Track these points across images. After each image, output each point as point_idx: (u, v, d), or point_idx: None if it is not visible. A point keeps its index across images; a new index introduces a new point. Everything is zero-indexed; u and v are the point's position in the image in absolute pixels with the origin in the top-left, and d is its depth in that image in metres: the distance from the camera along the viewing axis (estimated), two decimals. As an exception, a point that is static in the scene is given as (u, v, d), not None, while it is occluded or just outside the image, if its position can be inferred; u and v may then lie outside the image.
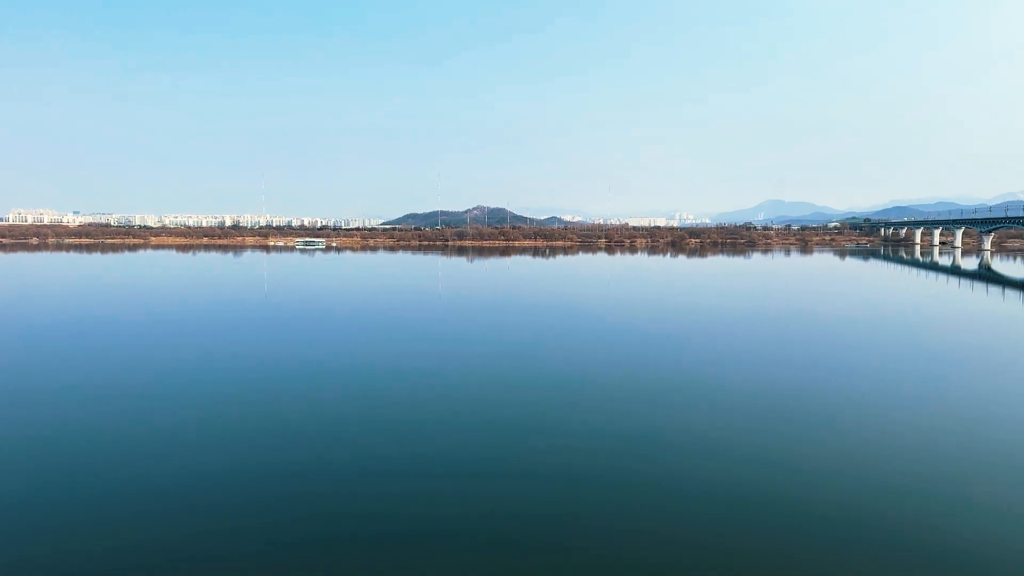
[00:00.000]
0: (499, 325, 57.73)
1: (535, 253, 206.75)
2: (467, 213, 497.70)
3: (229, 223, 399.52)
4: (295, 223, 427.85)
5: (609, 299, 78.81)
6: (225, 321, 58.57)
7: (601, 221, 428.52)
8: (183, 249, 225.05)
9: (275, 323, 57.60)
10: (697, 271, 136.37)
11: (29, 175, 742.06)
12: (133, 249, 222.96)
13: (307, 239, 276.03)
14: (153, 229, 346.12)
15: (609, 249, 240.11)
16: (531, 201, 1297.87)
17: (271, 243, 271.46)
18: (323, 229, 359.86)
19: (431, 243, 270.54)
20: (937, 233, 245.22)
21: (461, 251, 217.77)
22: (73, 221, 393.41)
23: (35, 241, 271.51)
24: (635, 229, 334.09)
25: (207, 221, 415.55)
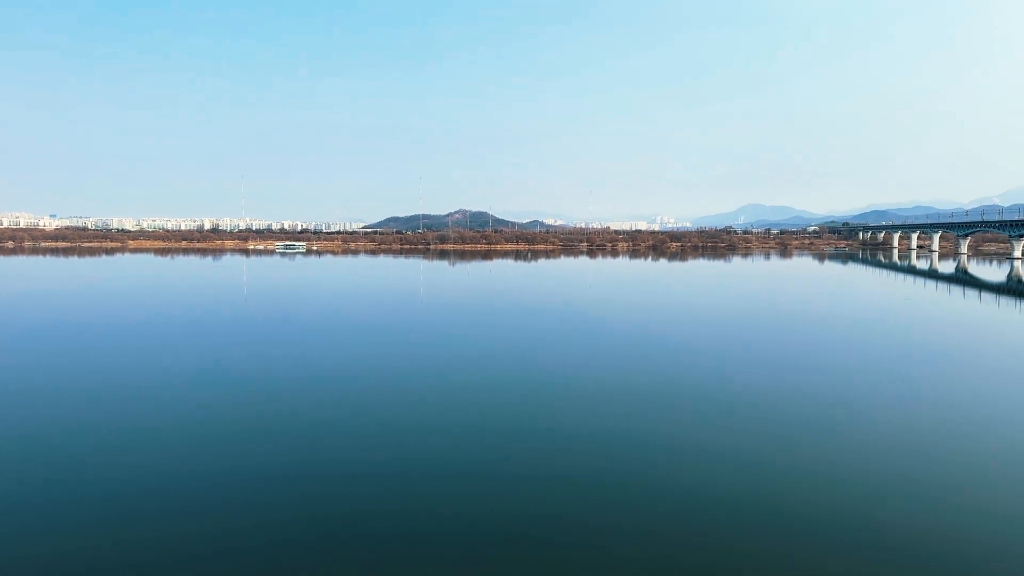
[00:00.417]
0: (486, 327, 57.46)
1: (517, 257, 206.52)
2: (449, 216, 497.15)
3: (208, 226, 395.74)
4: (275, 226, 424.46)
5: (594, 302, 78.57)
6: (209, 324, 57.73)
7: (583, 225, 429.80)
8: (161, 253, 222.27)
9: (260, 326, 56.99)
10: (680, 275, 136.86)
11: (3, 178, 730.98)
12: (111, 253, 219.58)
13: (287, 242, 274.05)
14: (131, 233, 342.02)
15: (591, 253, 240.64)
16: (513, 204, 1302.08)
17: (251, 246, 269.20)
18: (303, 232, 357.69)
19: (413, 247, 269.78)
20: (915, 237, 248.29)
21: (443, 255, 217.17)
22: (50, 224, 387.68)
23: (11, 245, 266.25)
24: (617, 233, 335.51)
25: (186, 224, 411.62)
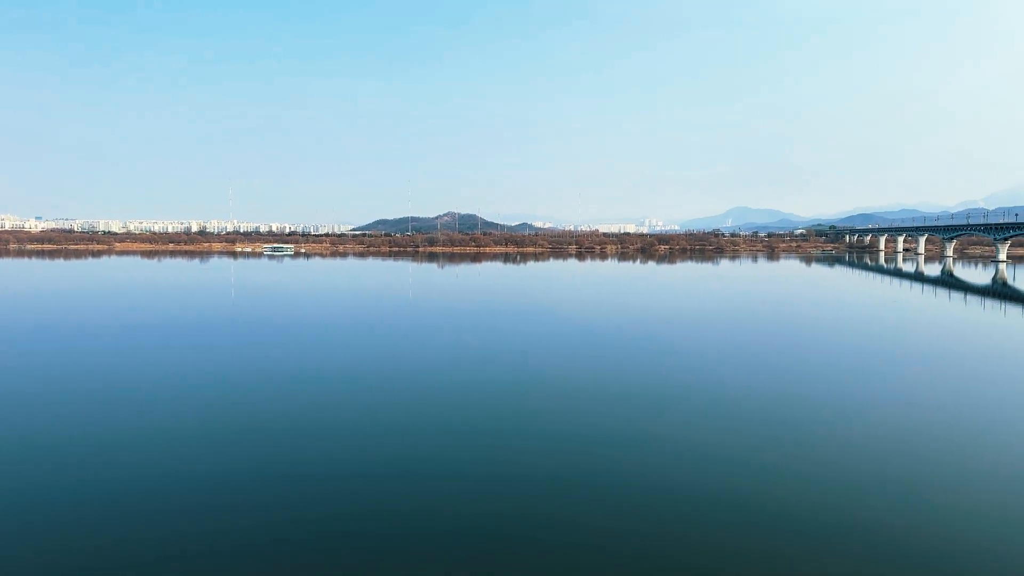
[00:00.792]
0: (479, 328, 57.44)
1: (506, 259, 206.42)
2: (438, 219, 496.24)
3: (196, 229, 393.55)
4: (263, 229, 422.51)
5: (584, 303, 78.68)
6: (202, 325, 57.51)
7: (572, 227, 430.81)
8: (148, 255, 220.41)
9: (255, 327, 56.90)
10: (669, 277, 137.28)
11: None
12: (97, 255, 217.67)
13: (275, 245, 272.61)
14: (118, 235, 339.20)
15: (580, 255, 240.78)
16: (502, 207, 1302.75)
17: (238, 249, 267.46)
18: (292, 235, 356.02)
19: (402, 249, 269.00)
20: (901, 240, 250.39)
21: (432, 257, 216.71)
22: (36, 226, 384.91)
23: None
24: (605, 235, 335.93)
25: (173, 227, 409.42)
